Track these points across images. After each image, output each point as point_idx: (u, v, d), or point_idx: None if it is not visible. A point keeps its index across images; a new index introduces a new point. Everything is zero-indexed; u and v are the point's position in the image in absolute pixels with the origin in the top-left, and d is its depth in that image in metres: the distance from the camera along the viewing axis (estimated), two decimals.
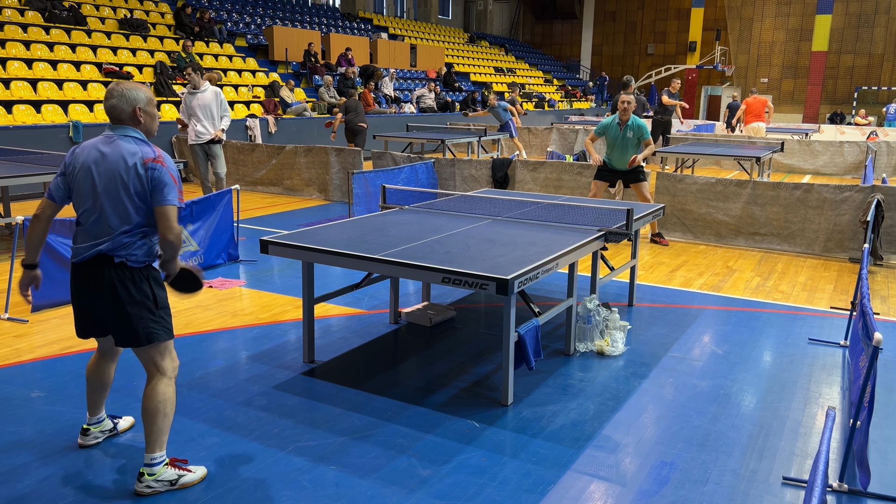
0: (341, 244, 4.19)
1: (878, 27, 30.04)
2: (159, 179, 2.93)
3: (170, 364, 3.12)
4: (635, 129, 7.58)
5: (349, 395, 4.08)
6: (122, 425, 3.59)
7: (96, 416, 3.44)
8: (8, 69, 12.10)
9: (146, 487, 3.03)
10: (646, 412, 3.93)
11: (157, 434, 3.05)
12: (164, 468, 3.06)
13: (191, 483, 3.12)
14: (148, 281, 3.04)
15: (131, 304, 2.98)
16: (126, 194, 2.94)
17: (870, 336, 3.15)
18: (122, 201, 2.94)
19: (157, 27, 16.65)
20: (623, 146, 7.63)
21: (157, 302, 3.06)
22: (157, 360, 3.09)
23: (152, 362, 3.09)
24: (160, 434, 3.05)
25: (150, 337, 3.04)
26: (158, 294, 3.08)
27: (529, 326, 4.04)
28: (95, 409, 3.43)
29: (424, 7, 31.71)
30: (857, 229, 7.59)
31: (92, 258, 2.97)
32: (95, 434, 3.44)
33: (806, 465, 3.40)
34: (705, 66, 32.92)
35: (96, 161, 2.97)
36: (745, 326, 5.39)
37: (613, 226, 4.83)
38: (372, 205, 8.82)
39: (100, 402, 3.42)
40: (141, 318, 3.01)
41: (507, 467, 3.33)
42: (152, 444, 3.05)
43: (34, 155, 8.07)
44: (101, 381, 3.36)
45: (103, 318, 3.05)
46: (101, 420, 3.47)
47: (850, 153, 15.19)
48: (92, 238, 2.98)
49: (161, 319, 3.07)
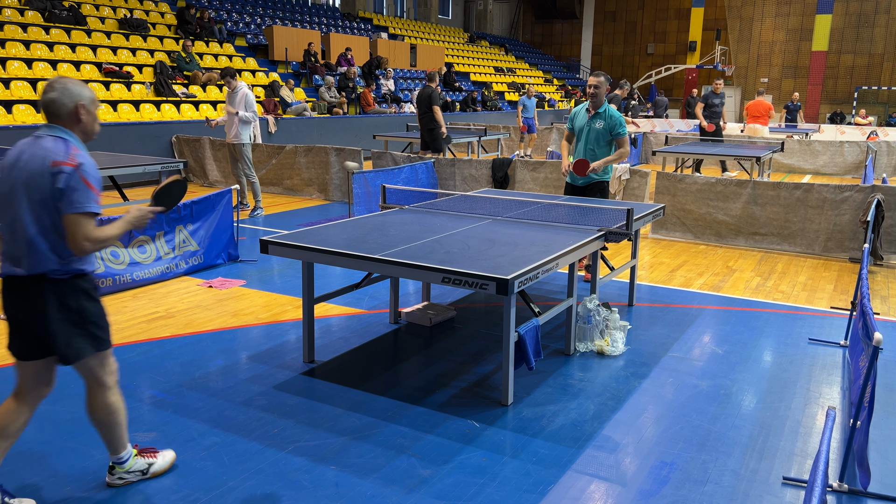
0: (341, 244, 4.19)
1: (878, 27, 30.03)
2: (66, 184, 2.63)
3: (108, 375, 2.93)
4: (607, 118, 6.07)
5: (349, 395, 4.08)
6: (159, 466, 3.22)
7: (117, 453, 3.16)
8: (8, 69, 12.10)
9: (118, 479, 3.07)
10: (646, 412, 3.93)
11: (116, 439, 3.03)
12: (133, 459, 3.10)
13: (161, 470, 3.17)
14: (74, 294, 2.77)
15: (55, 321, 2.74)
16: (33, 200, 2.67)
17: (870, 336, 3.15)
18: (30, 208, 2.68)
19: (157, 27, 16.65)
20: (589, 141, 6.16)
21: (84, 316, 2.80)
22: (95, 373, 2.90)
23: (89, 376, 2.91)
24: (118, 437, 3.03)
25: (78, 354, 2.81)
26: (86, 307, 2.81)
27: (529, 326, 4.03)
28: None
29: (424, 7, 31.71)
30: (857, 229, 7.58)
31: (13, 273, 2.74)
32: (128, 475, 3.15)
33: (806, 465, 3.40)
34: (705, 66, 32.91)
35: (14, 163, 2.72)
36: (745, 326, 5.39)
37: (613, 226, 4.83)
38: (372, 205, 8.82)
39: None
40: (66, 335, 2.77)
41: (507, 467, 3.33)
42: (114, 447, 3.04)
43: None
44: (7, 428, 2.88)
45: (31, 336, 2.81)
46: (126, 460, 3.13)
47: (850, 153, 15.19)
48: (11, 249, 2.74)
49: (88, 334, 2.82)
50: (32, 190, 2.67)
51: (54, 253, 2.71)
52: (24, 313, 2.78)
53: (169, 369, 4.39)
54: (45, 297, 2.73)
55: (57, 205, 2.66)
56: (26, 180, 2.68)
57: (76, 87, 2.77)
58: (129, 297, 5.85)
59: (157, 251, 6.31)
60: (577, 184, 6.30)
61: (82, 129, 2.81)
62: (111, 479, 3.08)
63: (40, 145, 2.71)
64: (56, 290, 2.74)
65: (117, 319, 5.30)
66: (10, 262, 2.75)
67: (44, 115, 2.77)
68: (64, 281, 2.75)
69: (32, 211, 2.68)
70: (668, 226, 8.57)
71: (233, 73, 9.32)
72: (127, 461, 3.08)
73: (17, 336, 2.85)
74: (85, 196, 2.66)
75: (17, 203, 2.70)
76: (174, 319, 5.34)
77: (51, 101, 2.73)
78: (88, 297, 2.83)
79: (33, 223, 2.69)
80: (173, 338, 4.95)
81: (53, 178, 2.64)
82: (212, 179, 12.19)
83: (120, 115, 12.63)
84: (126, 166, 7.99)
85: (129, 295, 5.92)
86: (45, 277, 2.72)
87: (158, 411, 3.82)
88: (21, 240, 2.71)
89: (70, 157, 2.67)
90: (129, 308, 5.58)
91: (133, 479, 3.10)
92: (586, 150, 6.20)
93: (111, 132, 11.89)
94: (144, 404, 3.90)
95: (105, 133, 11.79)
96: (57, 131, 2.75)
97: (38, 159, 2.68)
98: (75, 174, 2.65)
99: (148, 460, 3.14)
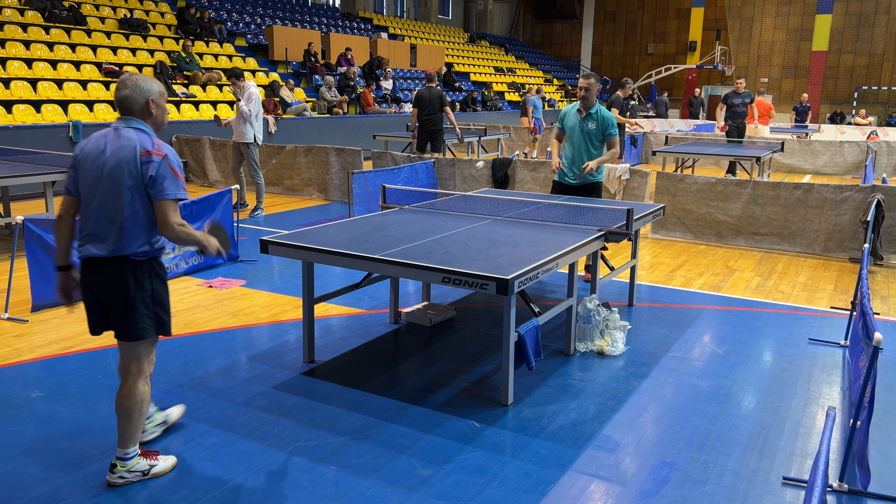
0: (341, 244, 4.19)
1: (878, 27, 30.03)
2: (157, 172, 2.88)
3: (149, 364, 3.13)
4: (599, 119, 6.06)
5: (349, 395, 4.08)
6: (174, 415, 3.63)
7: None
8: (8, 69, 12.10)
9: (119, 478, 3.09)
10: (646, 412, 3.93)
11: (132, 431, 3.10)
12: (136, 459, 3.13)
13: (162, 472, 3.19)
14: (150, 276, 3.02)
15: (130, 299, 2.97)
16: (124, 186, 2.89)
17: (870, 336, 3.15)
18: (120, 194, 2.90)
19: (157, 27, 16.65)
20: (582, 142, 6.14)
21: (155, 298, 3.04)
22: (141, 358, 3.08)
23: (135, 360, 3.08)
24: (135, 431, 3.11)
25: (141, 333, 3.02)
26: (158, 289, 3.05)
27: (529, 326, 4.03)
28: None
29: (424, 7, 31.70)
30: (857, 229, 7.59)
31: (93, 254, 2.95)
32: (150, 430, 3.48)
33: (806, 465, 3.40)
34: (705, 66, 32.91)
35: (99, 152, 2.94)
36: (745, 326, 5.39)
37: (613, 226, 4.83)
38: (372, 205, 8.82)
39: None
40: (136, 314, 2.99)
41: (507, 467, 3.33)
42: (126, 440, 3.11)
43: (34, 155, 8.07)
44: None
45: (109, 314, 3.04)
46: (150, 416, 3.49)
47: (850, 153, 15.19)
48: (92, 231, 2.95)
49: (155, 316, 3.05)
50: (125, 176, 2.88)
51: (141, 235, 2.94)
52: (102, 291, 2.97)
53: (169, 369, 4.39)
54: (125, 276, 2.94)
55: (148, 191, 2.89)
56: (116, 167, 2.89)
57: (146, 82, 3.00)
58: None
59: None
60: (567, 182, 6.30)
61: (153, 121, 3.05)
62: (112, 478, 3.09)
63: (125, 135, 2.94)
64: (134, 270, 2.96)
65: None
66: (92, 244, 2.95)
67: (118, 110, 3.00)
68: (142, 262, 2.98)
69: (124, 196, 2.89)
70: (668, 226, 8.57)
71: (239, 73, 9.23)
72: (131, 459, 3.11)
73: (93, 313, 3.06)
74: (174, 184, 2.92)
75: (106, 188, 2.90)
76: (174, 319, 5.34)
77: (124, 97, 2.97)
78: (161, 280, 3.07)
79: (125, 207, 2.90)
80: (173, 338, 4.95)
81: (144, 166, 2.87)
82: (212, 179, 12.19)
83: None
84: None
85: None
86: (126, 259, 2.94)
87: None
88: (109, 223, 2.91)
89: (157, 147, 2.92)
90: None
91: (133, 479, 3.12)
92: (579, 150, 6.17)
93: None
94: None
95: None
96: (135, 123, 2.99)
97: (127, 148, 2.89)
98: (164, 163, 2.90)
99: (150, 462, 3.17)
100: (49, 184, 7.24)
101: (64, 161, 7.68)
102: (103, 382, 4.17)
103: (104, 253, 2.93)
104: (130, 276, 2.96)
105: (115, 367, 4.40)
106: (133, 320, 3.00)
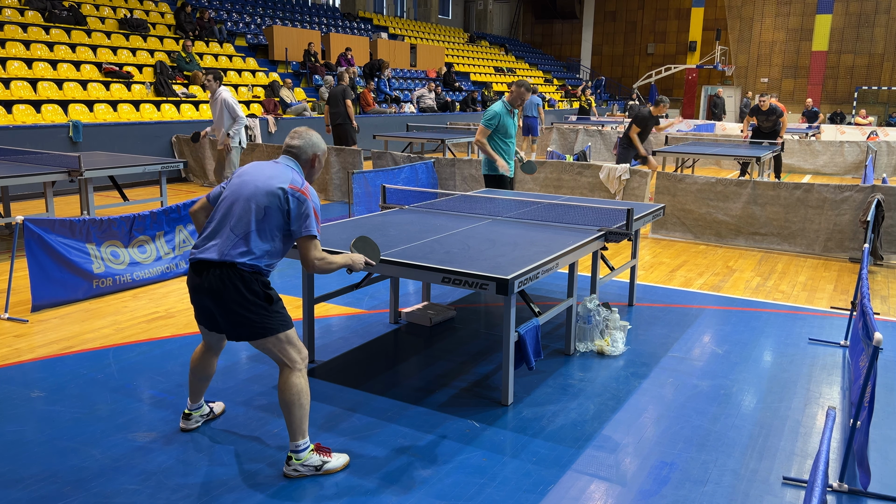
0: (341, 244, 4.19)
1: (878, 27, 30.03)
2: (298, 209, 3.09)
3: (297, 355, 3.21)
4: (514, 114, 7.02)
5: (349, 395, 4.08)
6: (217, 409, 3.78)
7: (196, 402, 3.65)
8: (8, 69, 12.10)
9: (293, 471, 3.20)
10: (646, 412, 3.93)
11: (297, 423, 3.18)
12: (310, 453, 3.22)
13: (334, 469, 3.26)
14: (257, 282, 3.13)
15: (241, 304, 3.08)
16: (272, 208, 3.08)
17: (870, 336, 3.15)
18: (262, 212, 3.09)
19: (157, 27, 16.65)
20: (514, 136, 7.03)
21: (268, 298, 3.15)
22: (285, 351, 3.18)
23: (280, 354, 3.18)
24: (300, 423, 3.18)
25: (265, 330, 3.13)
26: (268, 292, 3.16)
27: (529, 326, 4.03)
28: (196, 397, 3.63)
29: (424, 7, 31.71)
30: (857, 229, 7.59)
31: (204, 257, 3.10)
32: (196, 418, 3.64)
33: (806, 465, 3.40)
34: (705, 66, 32.91)
35: (258, 172, 3.18)
36: (745, 326, 5.39)
37: (613, 226, 4.83)
38: (372, 205, 8.82)
39: (201, 390, 3.62)
40: (253, 316, 3.11)
41: (507, 467, 3.33)
42: (293, 433, 3.19)
43: (34, 155, 8.06)
44: (204, 372, 3.55)
45: (214, 315, 3.19)
46: (200, 406, 3.67)
47: (850, 153, 15.19)
48: (213, 237, 3.14)
49: (276, 313, 3.16)
50: (270, 198, 3.09)
51: (259, 251, 3.10)
52: (211, 295, 3.11)
53: (169, 369, 4.39)
54: (233, 281, 3.08)
55: (284, 218, 3.12)
56: (265, 189, 3.10)
57: (317, 139, 3.33)
58: (130, 297, 5.85)
59: (157, 251, 6.31)
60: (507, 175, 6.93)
61: (310, 173, 3.36)
62: (287, 470, 3.21)
63: (283, 167, 3.20)
64: (241, 277, 3.09)
65: (117, 319, 5.30)
66: (208, 248, 3.13)
67: (285, 153, 3.29)
68: (248, 273, 3.11)
69: (258, 214, 3.09)
70: (668, 226, 8.57)
71: (218, 74, 8.94)
72: (304, 451, 3.20)
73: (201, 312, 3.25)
74: (313, 223, 3.15)
75: (248, 202, 3.11)
76: (174, 319, 5.34)
77: (296, 147, 3.27)
78: (266, 286, 3.18)
79: (259, 223, 3.10)
80: (173, 338, 4.95)
81: (288, 197, 3.10)
82: (212, 179, 12.20)
83: (120, 115, 12.64)
84: (126, 166, 7.98)
85: (129, 295, 5.92)
86: (234, 265, 3.08)
87: (158, 411, 3.82)
88: (234, 232, 3.10)
89: (305, 188, 3.16)
90: (129, 308, 5.59)
91: (307, 473, 3.21)
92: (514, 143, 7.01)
93: (111, 132, 11.89)
94: (144, 404, 3.90)
95: (105, 133, 11.80)
96: (294, 164, 3.26)
97: (280, 178, 3.13)
98: (308, 203, 3.13)
99: (322, 458, 3.25)
100: (49, 184, 7.24)
101: (64, 161, 7.66)
102: (103, 382, 4.18)
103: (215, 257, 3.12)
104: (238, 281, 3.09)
105: (116, 367, 4.41)
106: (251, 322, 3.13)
